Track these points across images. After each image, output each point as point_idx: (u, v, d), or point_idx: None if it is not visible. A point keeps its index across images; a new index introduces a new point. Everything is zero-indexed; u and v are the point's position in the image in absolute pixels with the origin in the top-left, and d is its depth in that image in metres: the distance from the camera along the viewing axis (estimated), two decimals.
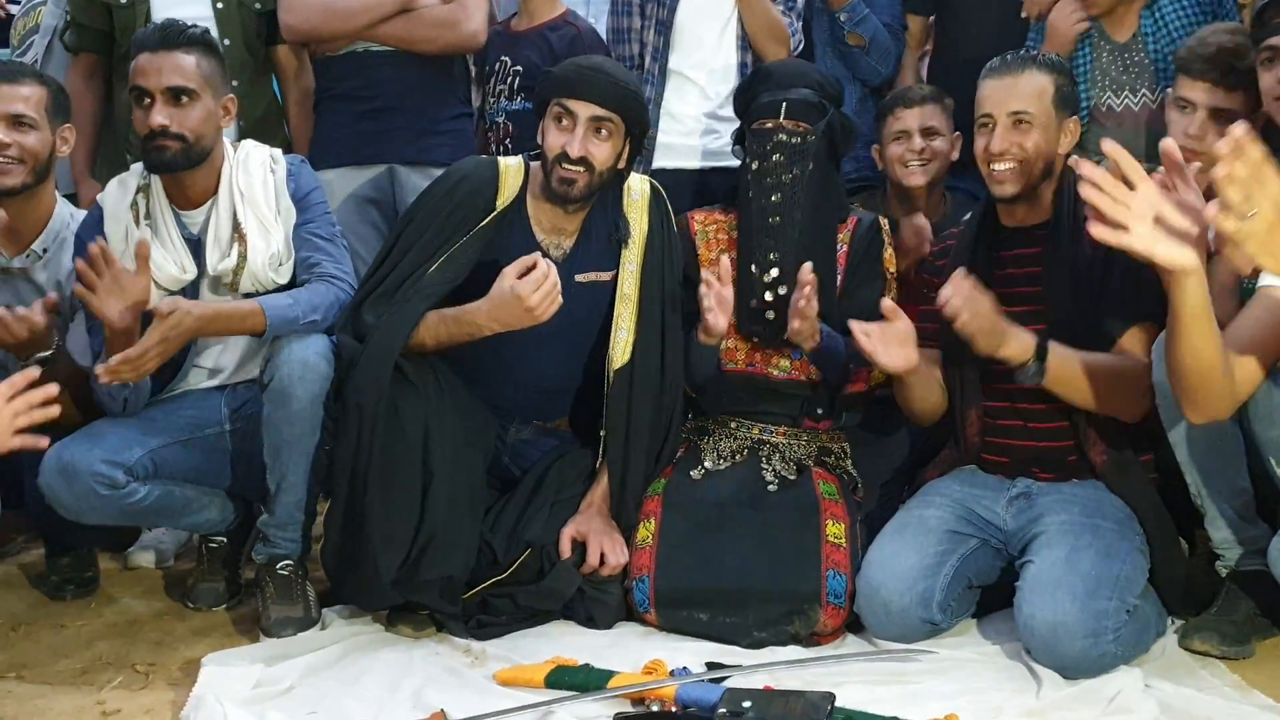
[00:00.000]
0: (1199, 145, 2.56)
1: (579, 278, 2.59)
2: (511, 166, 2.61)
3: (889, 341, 2.35)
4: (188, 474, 2.61)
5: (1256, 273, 2.15)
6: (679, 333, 2.63)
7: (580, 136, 2.48)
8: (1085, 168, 1.76)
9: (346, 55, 3.22)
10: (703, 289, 2.53)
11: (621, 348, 2.58)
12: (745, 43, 3.27)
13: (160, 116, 2.50)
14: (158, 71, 2.52)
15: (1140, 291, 2.33)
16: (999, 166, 2.42)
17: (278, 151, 2.71)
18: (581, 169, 2.49)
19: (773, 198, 2.64)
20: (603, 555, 2.47)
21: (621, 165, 2.58)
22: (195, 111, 2.53)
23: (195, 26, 2.61)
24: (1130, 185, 1.74)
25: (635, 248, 2.62)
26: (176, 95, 2.52)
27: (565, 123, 2.50)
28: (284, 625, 2.46)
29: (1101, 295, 2.39)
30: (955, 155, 3.11)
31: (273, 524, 2.55)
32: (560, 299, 2.37)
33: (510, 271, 2.36)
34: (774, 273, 2.62)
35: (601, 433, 2.59)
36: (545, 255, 2.45)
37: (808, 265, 2.48)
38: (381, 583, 2.37)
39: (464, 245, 2.52)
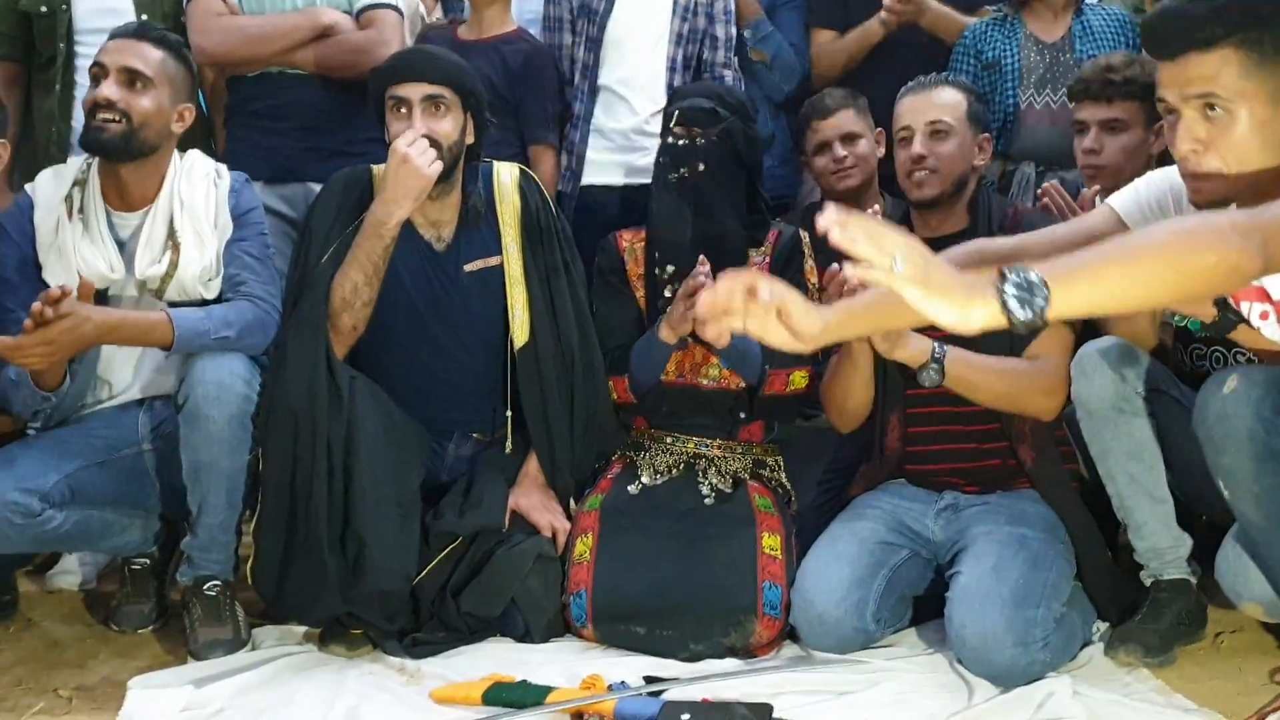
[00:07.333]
0: (1096, 160, 2.79)
1: (468, 268, 2.65)
2: (383, 170, 2.66)
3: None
4: (106, 496, 2.52)
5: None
6: (571, 302, 2.66)
7: (419, 117, 2.53)
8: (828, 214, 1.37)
9: (260, 76, 3.18)
10: (687, 284, 2.49)
11: (519, 327, 2.62)
12: (674, 61, 3.29)
13: (108, 90, 2.46)
14: (119, 51, 2.50)
15: None
16: (919, 173, 2.51)
17: (223, 166, 2.67)
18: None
19: (663, 196, 2.69)
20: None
21: (470, 140, 2.63)
22: (146, 99, 2.49)
23: (175, 35, 2.61)
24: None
25: (511, 228, 2.67)
26: (131, 78, 2.48)
27: (403, 110, 2.55)
28: (212, 647, 2.42)
29: None
30: (881, 151, 3.15)
31: (196, 546, 2.50)
32: (434, 158, 2.45)
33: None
34: (669, 269, 2.67)
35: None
36: (430, 248, 2.62)
37: (703, 266, 2.47)
38: (330, 586, 2.34)
39: (353, 232, 2.56)
